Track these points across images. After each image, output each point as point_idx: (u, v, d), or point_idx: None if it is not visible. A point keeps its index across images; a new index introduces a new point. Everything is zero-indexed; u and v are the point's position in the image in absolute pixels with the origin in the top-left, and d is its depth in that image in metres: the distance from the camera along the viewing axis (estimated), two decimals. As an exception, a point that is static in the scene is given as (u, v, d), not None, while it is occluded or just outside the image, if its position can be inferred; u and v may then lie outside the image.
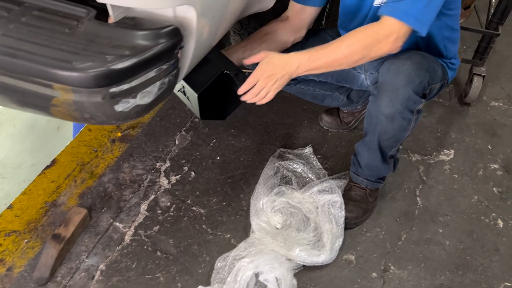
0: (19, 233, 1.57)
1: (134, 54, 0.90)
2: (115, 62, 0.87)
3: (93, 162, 1.83)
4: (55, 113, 1.01)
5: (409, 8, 1.21)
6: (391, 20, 1.23)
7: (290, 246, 1.51)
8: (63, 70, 0.85)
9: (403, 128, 1.41)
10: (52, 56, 0.87)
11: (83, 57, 0.87)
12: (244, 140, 1.96)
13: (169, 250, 1.55)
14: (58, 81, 0.88)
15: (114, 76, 0.87)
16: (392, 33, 1.23)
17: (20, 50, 0.88)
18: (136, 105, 1.02)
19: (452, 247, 1.61)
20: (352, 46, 1.25)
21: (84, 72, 0.85)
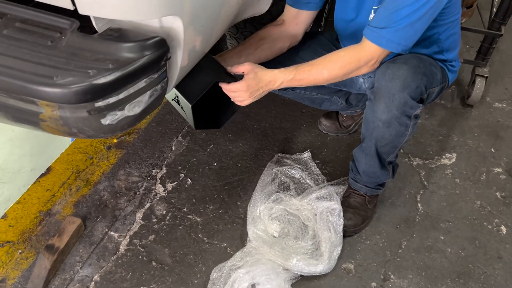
0: (12, 243, 1.55)
1: (117, 68, 0.87)
2: (97, 76, 0.84)
3: (89, 169, 1.81)
4: (45, 128, 0.99)
5: (392, 36, 1.24)
6: (373, 46, 1.26)
7: (287, 255, 1.48)
8: (44, 86, 0.83)
9: (400, 133, 1.37)
10: (32, 72, 0.84)
11: (64, 72, 0.85)
12: (241, 145, 1.93)
13: (165, 260, 1.53)
14: (41, 97, 0.85)
15: (97, 91, 0.84)
16: (373, 59, 1.29)
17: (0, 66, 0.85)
18: (124, 117, 0.99)
19: (454, 254, 1.57)
20: (333, 72, 1.32)
21: (66, 88, 0.83)
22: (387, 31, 1.23)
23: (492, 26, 1.96)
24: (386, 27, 1.23)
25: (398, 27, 1.22)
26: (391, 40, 1.24)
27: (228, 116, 1.46)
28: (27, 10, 0.98)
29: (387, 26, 1.23)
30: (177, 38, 0.98)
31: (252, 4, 1.43)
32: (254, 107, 2.10)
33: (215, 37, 1.27)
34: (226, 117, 1.47)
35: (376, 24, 1.25)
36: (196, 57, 1.20)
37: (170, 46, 0.99)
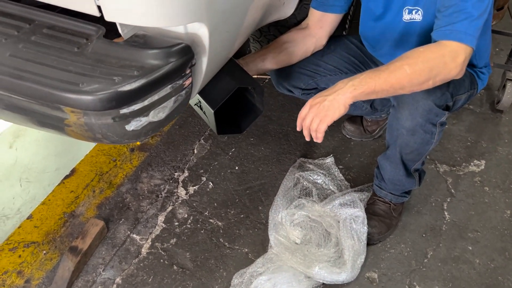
0: (37, 244, 1.57)
1: (143, 75, 0.86)
2: (123, 84, 0.84)
3: (112, 171, 1.82)
4: (69, 133, 0.99)
5: (468, 28, 1.11)
6: (453, 43, 1.12)
7: (309, 263, 1.45)
8: (70, 93, 0.83)
9: (426, 141, 1.33)
10: (58, 78, 0.85)
11: (90, 79, 0.85)
12: (263, 149, 1.92)
13: (186, 264, 1.52)
14: (66, 104, 0.85)
15: (122, 98, 0.84)
16: (459, 55, 1.12)
17: (27, 72, 0.86)
18: (148, 122, 0.99)
19: (483, 266, 1.52)
20: (416, 66, 1.11)
21: (91, 95, 0.83)
22: (461, 24, 1.11)
23: (525, 29, 1.89)
24: (458, 22, 1.11)
25: (471, 18, 1.11)
26: (468, 33, 1.11)
27: (250, 120, 1.45)
28: (54, 16, 0.98)
29: (459, 21, 1.11)
30: (202, 45, 0.98)
31: (277, 8, 1.42)
32: (276, 110, 2.09)
33: (239, 42, 1.26)
34: (248, 121, 1.45)
35: (445, 23, 1.14)
36: (220, 63, 1.19)
37: (195, 52, 0.99)
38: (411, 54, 1.14)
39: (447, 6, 1.15)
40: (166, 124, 1.07)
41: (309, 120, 1.17)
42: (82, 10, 0.88)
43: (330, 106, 1.14)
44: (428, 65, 1.12)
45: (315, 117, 1.16)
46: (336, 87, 1.15)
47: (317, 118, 1.16)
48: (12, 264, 1.51)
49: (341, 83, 1.15)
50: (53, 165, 3.00)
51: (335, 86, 1.16)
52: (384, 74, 1.12)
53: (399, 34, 1.41)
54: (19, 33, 0.95)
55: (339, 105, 1.13)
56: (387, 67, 1.14)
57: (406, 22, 1.36)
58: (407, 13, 1.35)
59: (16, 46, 0.91)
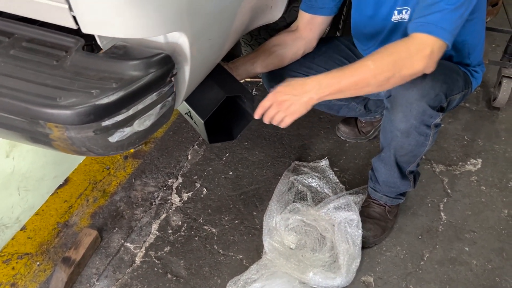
0: (31, 255, 1.57)
1: (121, 87, 0.85)
2: (101, 96, 0.83)
3: (106, 180, 1.81)
4: (57, 147, 0.98)
5: (440, 21, 1.08)
6: (422, 35, 1.10)
7: (304, 268, 1.44)
8: (47, 108, 0.82)
9: (420, 143, 1.32)
10: (36, 93, 0.84)
11: (68, 93, 0.84)
12: (258, 153, 1.91)
13: (180, 272, 1.51)
14: (46, 119, 0.84)
15: (100, 111, 0.83)
16: (425, 47, 1.09)
17: (4, 87, 0.85)
18: (134, 132, 0.98)
19: (480, 267, 1.50)
20: (379, 61, 1.10)
21: (69, 109, 0.81)
22: (433, 16, 1.08)
23: (519, 25, 1.86)
24: (430, 13, 1.09)
25: (445, 11, 1.08)
26: (440, 26, 1.08)
27: (242, 127, 1.44)
28: (34, 29, 0.98)
29: (432, 12, 1.09)
30: (183, 53, 0.96)
31: (264, 13, 1.41)
32: (270, 113, 2.07)
33: (225, 49, 1.24)
34: (240, 128, 1.44)
35: (418, 15, 1.12)
36: (205, 70, 1.18)
37: (177, 61, 0.97)
38: (379, 49, 1.13)
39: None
40: (152, 133, 1.06)
41: (273, 113, 1.21)
42: (58, 23, 0.86)
43: (295, 106, 1.17)
44: (392, 58, 1.10)
45: (279, 112, 1.19)
46: (305, 88, 1.15)
47: (282, 113, 1.19)
48: (6, 276, 1.50)
49: (310, 83, 1.15)
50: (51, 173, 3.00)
51: (304, 86, 1.15)
52: (349, 72, 1.12)
53: (388, 33, 1.40)
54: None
55: (305, 106, 1.17)
56: (352, 65, 1.13)
57: (395, 22, 1.35)
58: (397, 14, 1.34)
59: (-6, 60, 0.90)
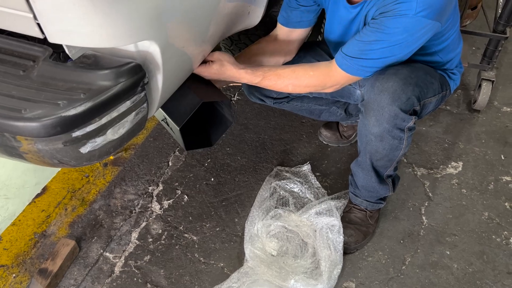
0: (7, 267, 1.53)
1: (89, 97, 0.83)
2: (68, 108, 0.81)
3: (85, 188, 1.78)
4: (30, 160, 0.96)
5: (363, 64, 1.21)
6: (342, 73, 1.25)
7: (285, 275, 1.43)
8: (11, 120, 0.79)
9: (394, 147, 1.31)
10: (1, 105, 0.81)
11: (34, 104, 0.81)
12: (240, 158, 1.89)
13: (160, 281, 1.49)
14: (11, 132, 0.82)
15: (67, 123, 0.81)
16: (339, 84, 1.30)
17: (-32, 99, 0.82)
18: (107, 142, 0.96)
19: (461, 270, 1.50)
20: (297, 88, 1.33)
21: (34, 121, 0.79)
22: (358, 61, 1.21)
23: (497, 29, 1.88)
24: (358, 58, 1.20)
25: (370, 60, 1.20)
26: (361, 68, 1.23)
27: (220, 133, 1.42)
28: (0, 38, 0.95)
29: (359, 57, 1.20)
30: (154, 62, 0.95)
31: (242, 19, 1.39)
32: (252, 118, 2.07)
33: (201, 55, 1.23)
34: (218, 134, 1.42)
35: (348, 52, 1.22)
36: (180, 77, 1.16)
37: (149, 70, 0.96)
38: (300, 74, 1.30)
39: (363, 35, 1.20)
40: (128, 141, 1.04)
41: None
42: (24, 32, 0.84)
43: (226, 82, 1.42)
44: (308, 89, 1.34)
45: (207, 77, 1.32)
46: (235, 79, 1.32)
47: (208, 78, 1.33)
48: (-20, 289, 1.47)
49: (239, 76, 1.30)
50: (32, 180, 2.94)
51: (235, 77, 1.31)
52: (272, 84, 1.32)
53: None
54: (-37, 57, 0.91)
55: None
56: (276, 79, 1.31)
57: None
58: None
59: (-42, 71, 0.88)
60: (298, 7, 1.42)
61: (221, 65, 1.28)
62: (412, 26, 1.12)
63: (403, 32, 1.12)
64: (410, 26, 1.12)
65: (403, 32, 1.12)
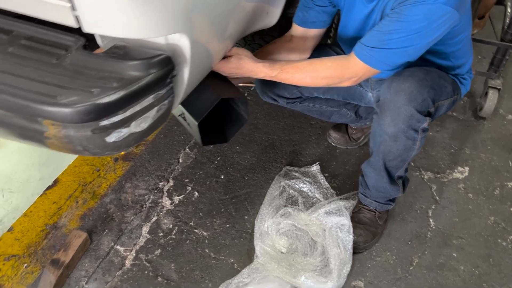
0: (18, 257, 1.54)
1: (122, 87, 0.85)
2: (101, 96, 0.83)
3: (95, 182, 1.80)
4: (50, 145, 0.98)
5: (382, 57, 1.22)
6: (361, 64, 1.25)
7: (295, 272, 1.45)
8: (46, 106, 0.81)
9: (408, 147, 1.34)
10: (35, 90, 0.83)
11: (68, 91, 0.83)
12: (249, 157, 1.91)
13: (171, 275, 1.50)
14: (44, 116, 0.84)
15: (100, 110, 0.83)
16: (357, 76, 1.29)
17: (3, 84, 0.84)
18: (130, 133, 0.98)
19: (468, 272, 1.53)
20: (315, 80, 1.33)
21: (68, 107, 0.81)
22: (377, 51, 1.21)
23: (505, 38, 1.92)
24: (377, 48, 1.21)
25: (390, 50, 1.21)
26: (380, 60, 1.23)
27: (235, 129, 1.44)
28: (33, 27, 0.97)
29: (378, 47, 1.21)
30: (183, 55, 0.97)
31: (261, 18, 1.42)
32: (262, 118, 2.09)
33: (223, 52, 1.25)
34: (233, 130, 1.44)
35: (367, 43, 1.23)
36: (202, 73, 1.18)
37: (177, 63, 0.98)
38: (318, 66, 1.32)
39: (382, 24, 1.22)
40: (149, 135, 1.06)
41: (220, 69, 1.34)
42: (59, 21, 0.86)
43: (243, 78, 1.44)
44: (325, 81, 1.33)
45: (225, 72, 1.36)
46: (253, 73, 1.34)
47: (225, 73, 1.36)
48: (-8, 278, 1.48)
49: (257, 70, 1.33)
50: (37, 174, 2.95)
51: (252, 71, 1.33)
52: (289, 77, 1.33)
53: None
54: (-4, 44, 0.93)
55: None
56: (293, 72, 1.32)
57: None
58: None
59: (-8, 57, 0.90)
60: (313, 7, 1.45)
61: (239, 59, 1.30)
62: (433, 13, 1.13)
63: (424, 20, 1.14)
64: (430, 14, 1.13)
65: (423, 20, 1.14)
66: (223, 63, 1.30)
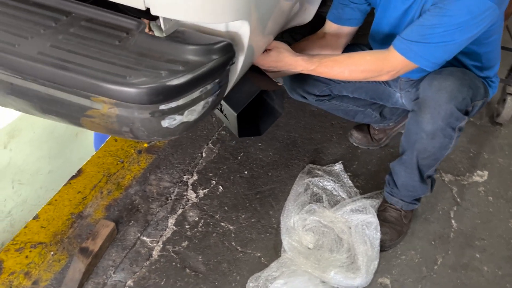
0: (45, 245, 1.53)
1: (188, 70, 0.86)
2: (170, 78, 0.83)
3: (119, 173, 1.79)
4: (85, 123, 0.98)
5: (422, 51, 1.24)
6: (400, 58, 1.26)
7: (324, 267, 1.46)
8: (116, 85, 0.82)
9: (443, 146, 1.36)
10: (104, 70, 0.83)
11: (136, 72, 0.84)
12: (272, 154, 1.92)
13: (199, 267, 1.51)
14: (108, 95, 0.84)
15: (170, 92, 0.84)
16: (396, 70, 1.30)
17: (71, 63, 0.84)
18: (181, 122, 0.98)
19: (491, 273, 1.55)
20: (354, 74, 1.35)
21: (138, 88, 0.82)
22: (418, 45, 1.23)
23: (526, 45, 1.95)
24: (417, 41, 1.23)
25: (430, 44, 1.23)
26: (420, 55, 1.25)
27: (269, 123, 1.46)
28: (91, 9, 0.98)
29: (418, 41, 1.23)
30: (241, 43, 0.98)
31: (299, 15, 1.44)
32: (283, 117, 2.10)
33: (266, 44, 1.27)
34: (267, 124, 1.46)
35: (408, 37, 1.25)
36: (249, 64, 1.20)
37: (234, 50, 0.99)
38: (357, 60, 1.34)
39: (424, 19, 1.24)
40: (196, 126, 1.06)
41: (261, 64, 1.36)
42: (127, 4, 0.87)
43: (282, 72, 1.46)
44: (364, 75, 1.35)
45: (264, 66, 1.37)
46: (292, 66, 1.35)
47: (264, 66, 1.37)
48: (19, 265, 1.47)
49: (296, 64, 1.34)
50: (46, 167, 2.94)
51: (291, 66, 1.35)
52: (327, 71, 1.34)
53: None
54: (57, 24, 0.93)
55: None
56: (332, 65, 1.33)
57: None
58: None
59: (55, 37, 0.90)
60: (349, 4, 1.48)
61: (279, 52, 1.32)
62: (476, 7, 1.16)
63: (466, 14, 1.16)
64: (473, 8, 1.16)
65: (466, 14, 1.16)
66: (263, 56, 1.32)
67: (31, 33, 0.89)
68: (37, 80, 0.86)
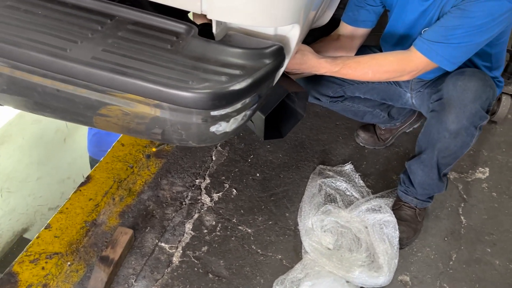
0: (61, 255, 1.48)
1: (247, 74, 0.85)
2: (232, 83, 0.82)
3: (130, 178, 1.75)
4: (100, 122, 0.95)
5: (444, 52, 1.28)
6: (422, 58, 1.30)
7: (348, 267, 1.47)
8: (179, 90, 0.80)
9: (465, 144, 1.40)
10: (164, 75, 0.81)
11: (196, 77, 0.82)
12: (281, 156, 1.92)
13: (221, 272, 1.49)
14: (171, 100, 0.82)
15: (232, 97, 0.83)
16: (417, 70, 1.34)
17: (127, 67, 0.82)
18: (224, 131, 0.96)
19: (503, 267, 1.60)
20: (377, 74, 1.37)
21: (201, 93, 0.80)
22: (439, 45, 1.28)
23: (520, 46, 2.04)
24: (439, 42, 1.27)
25: (452, 44, 1.27)
26: (441, 55, 1.29)
27: (291, 125, 1.45)
28: (135, 12, 0.95)
29: (440, 41, 1.27)
30: (288, 47, 0.98)
31: (318, 18, 1.45)
32: (288, 118, 2.10)
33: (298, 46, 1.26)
34: (288, 126, 1.46)
35: (429, 37, 1.29)
36: (285, 66, 1.19)
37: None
38: (380, 61, 1.38)
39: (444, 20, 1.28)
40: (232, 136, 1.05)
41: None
42: (183, 7, 0.85)
43: (305, 74, 1.48)
44: (387, 75, 1.38)
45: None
46: (315, 68, 1.38)
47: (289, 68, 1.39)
48: (36, 277, 1.41)
49: (319, 66, 1.37)
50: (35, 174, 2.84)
51: (314, 67, 1.37)
52: (351, 72, 1.37)
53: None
54: (103, 28, 0.90)
55: None
56: (356, 67, 1.36)
57: None
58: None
59: (105, 41, 0.87)
60: (365, 6, 1.50)
61: (303, 54, 1.33)
62: (497, 9, 1.21)
63: (488, 16, 1.21)
64: (494, 10, 1.20)
65: (487, 16, 1.21)
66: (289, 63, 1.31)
67: (80, 37, 0.86)
68: (89, 85, 0.83)
